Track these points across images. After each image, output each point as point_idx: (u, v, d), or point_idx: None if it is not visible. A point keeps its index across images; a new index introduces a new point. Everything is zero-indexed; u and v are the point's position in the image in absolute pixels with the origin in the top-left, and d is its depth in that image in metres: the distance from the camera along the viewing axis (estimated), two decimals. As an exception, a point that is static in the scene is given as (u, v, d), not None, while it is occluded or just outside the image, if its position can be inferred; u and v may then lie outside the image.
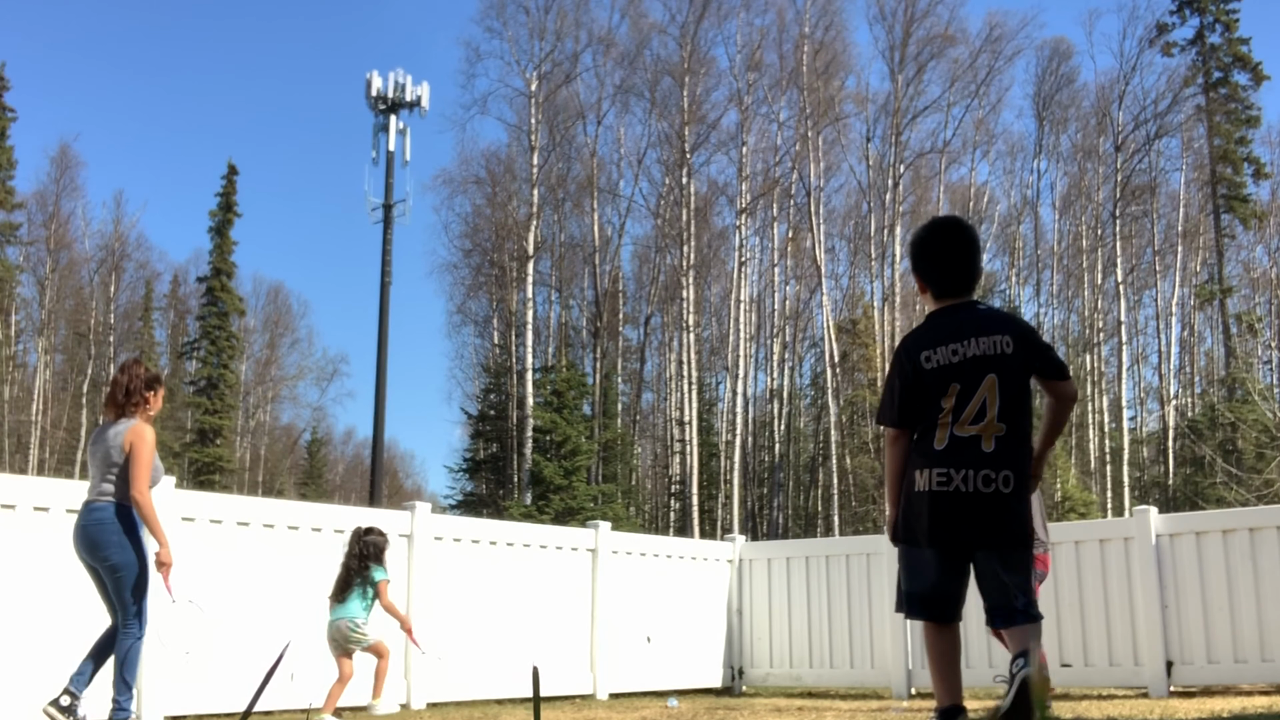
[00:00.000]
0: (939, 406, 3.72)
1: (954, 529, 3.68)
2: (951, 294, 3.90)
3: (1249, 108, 39.42)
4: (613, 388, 39.87)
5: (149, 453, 5.86)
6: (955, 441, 3.68)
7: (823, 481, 34.23)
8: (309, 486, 56.64)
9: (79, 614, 6.66)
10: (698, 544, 12.62)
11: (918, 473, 3.72)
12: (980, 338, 3.75)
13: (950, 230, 4.05)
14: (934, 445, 3.69)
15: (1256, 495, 25.08)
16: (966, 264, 3.94)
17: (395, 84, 33.02)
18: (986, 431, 3.68)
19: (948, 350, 3.74)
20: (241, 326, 49.38)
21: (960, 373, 3.72)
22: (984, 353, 3.73)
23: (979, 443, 3.67)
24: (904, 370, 3.81)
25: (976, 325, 3.79)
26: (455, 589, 8.86)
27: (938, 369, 3.74)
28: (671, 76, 37.10)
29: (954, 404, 3.70)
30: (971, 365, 3.72)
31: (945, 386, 3.72)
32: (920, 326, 3.97)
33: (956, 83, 38.26)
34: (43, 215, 44.69)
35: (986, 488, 3.65)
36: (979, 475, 3.65)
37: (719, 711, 8.10)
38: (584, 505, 31.65)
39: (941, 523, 3.68)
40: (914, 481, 3.73)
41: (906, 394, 3.80)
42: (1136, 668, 8.87)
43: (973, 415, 3.69)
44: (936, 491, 3.67)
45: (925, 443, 3.73)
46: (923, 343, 3.81)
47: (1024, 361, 3.77)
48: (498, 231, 40.27)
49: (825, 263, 36.61)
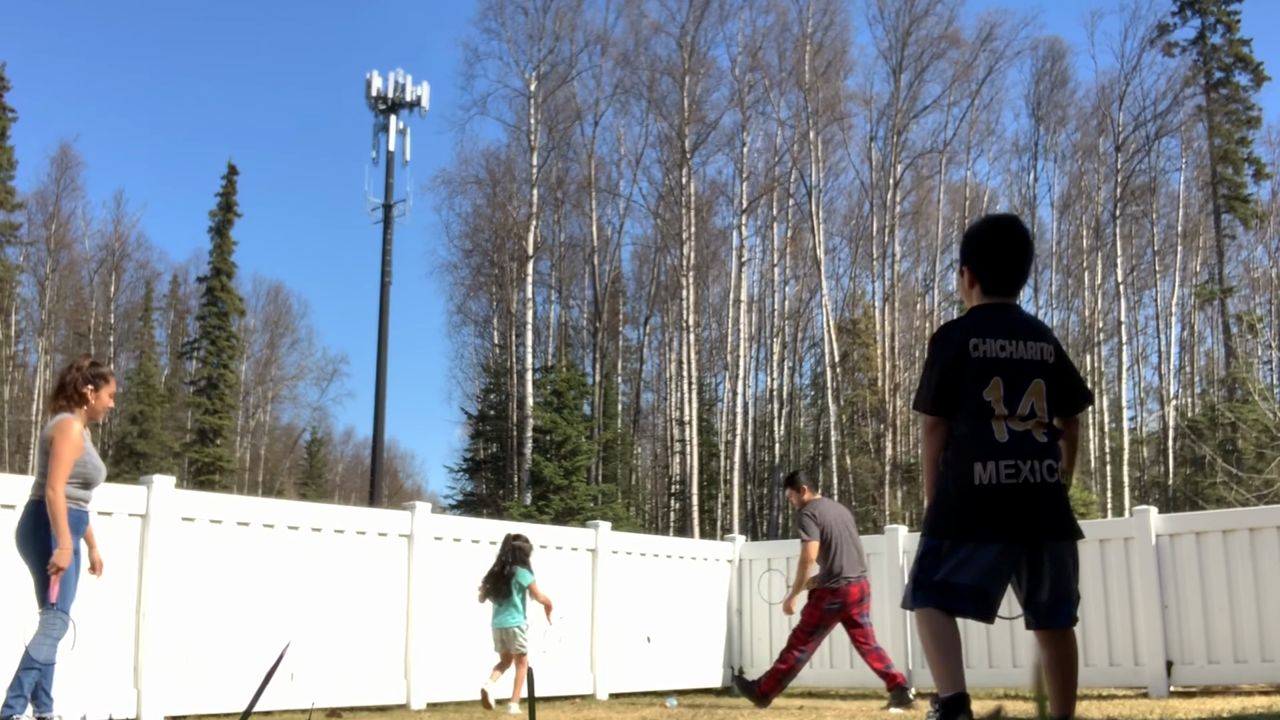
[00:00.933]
0: (982, 399, 3.67)
1: (1027, 521, 3.63)
2: (1000, 292, 3.87)
3: (1250, 108, 39.43)
4: (613, 388, 39.88)
5: (69, 449, 5.58)
6: (1015, 435, 3.65)
7: (823, 481, 34.21)
8: (309, 486, 56.65)
9: (79, 614, 6.66)
10: (698, 544, 12.62)
11: (977, 465, 3.63)
12: (1029, 341, 3.74)
13: (1010, 228, 3.99)
14: (994, 438, 3.64)
15: (1256, 495, 25.07)
16: (1021, 264, 3.93)
17: (395, 84, 33.01)
18: (1036, 427, 3.68)
19: (995, 344, 3.71)
20: (241, 326, 49.38)
21: (1005, 369, 3.69)
22: (1032, 357, 3.72)
23: (1032, 435, 3.67)
24: (946, 355, 3.75)
25: (1025, 328, 3.78)
26: (455, 589, 8.85)
27: (984, 360, 3.69)
28: (671, 76, 37.11)
29: (1002, 397, 3.66)
30: (1019, 366, 3.70)
31: (987, 378, 3.68)
32: (964, 317, 3.91)
33: (957, 82, 38.30)
34: (43, 215, 44.74)
35: (1051, 477, 3.65)
36: (1043, 465, 3.65)
37: (719, 711, 8.11)
38: (584, 505, 31.66)
39: (1014, 515, 3.61)
40: (971, 475, 3.64)
41: (946, 378, 3.74)
42: (1136, 668, 8.87)
43: (1025, 412, 3.67)
44: (1006, 484, 3.60)
45: (982, 435, 3.65)
46: (970, 330, 3.76)
47: (1060, 368, 3.79)
48: (498, 231, 40.28)
49: (825, 262, 36.62)
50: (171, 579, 7.14)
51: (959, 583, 3.62)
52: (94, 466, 5.78)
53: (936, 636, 3.65)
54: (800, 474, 8.91)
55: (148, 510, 7.08)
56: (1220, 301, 38.06)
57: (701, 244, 37.85)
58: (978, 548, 3.63)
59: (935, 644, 3.65)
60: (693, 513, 34.00)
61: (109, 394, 5.96)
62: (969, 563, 3.62)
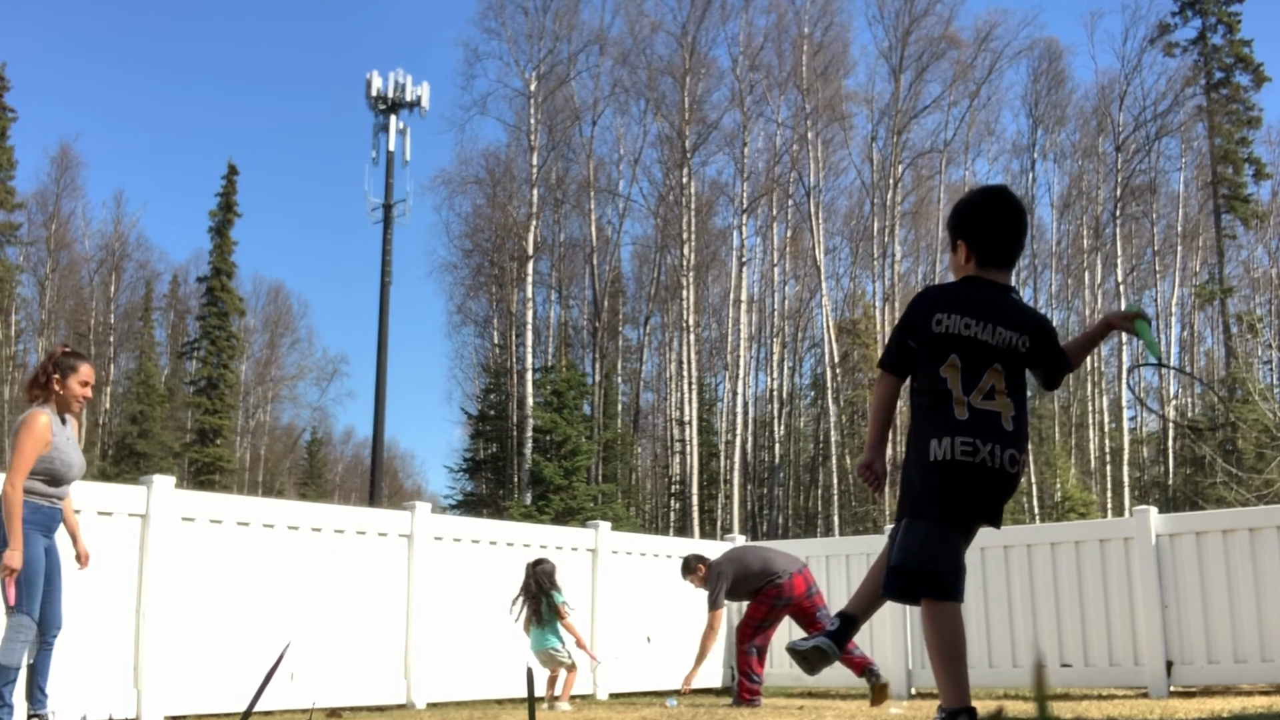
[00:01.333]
0: (938, 374, 3.62)
1: (974, 502, 3.59)
2: (994, 265, 3.78)
3: (1250, 109, 39.43)
4: (613, 388, 39.88)
5: (31, 444, 5.26)
6: (976, 414, 3.57)
7: (823, 481, 34.23)
8: (309, 486, 56.64)
9: (79, 614, 6.67)
10: (697, 544, 12.59)
11: (934, 441, 3.57)
12: (1000, 327, 3.65)
13: (1006, 199, 3.88)
14: (955, 415, 3.57)
15: (1256, 495, 25.07)
16: (1016, 237, 3.83)
17: (395, 84, 33.01)
18: (1004, 410, 3.60)
19: (960, 321, 3.64)
20: (241, 326, 49.39)
21: (964, 347, 3.63)
22: (997, 343, 3.64)
23: (999, 419, 3.59)
24: (910, 319, 3.74)
25: (1002, 313, 3.69)
26: (455, 589, 8.86)
27: (945, 335, 3.64)
28: (671, 76, 37.11)
29: (960, 377, 3.60)
30: (979, 348, 3.63)
31: (945, 355, 3.62)
32: (946, 286, 3.85)
33: (957, 82, 38.31)
34: (43, 215, 44.77)
35: (1012, 468, 3.59)
36: (1005, 453, 3.57)
37: (719, 711, 8.10)
38: (584, 505, 31.66)
39: (963, 494, 3.57)
40: (929, 451, 3.58)
41: (904, 342, 3.73)
42: (1136, 668, 8.86)
43: (984, 392, 3.60)
44: (960, 461, 3.53)
45: (943, 411, 3.59)
46: (940, 304, 3.71)
47: (1031, 362, 3.75)
48: (498, 231, 40.28)
49: (825, 263, 36.62)
50: (171, 579, 7.14)
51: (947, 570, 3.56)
52: (64, 462, 5.43)
53: (943, 635, 3.52)
54: (692, 557, 8.90)
55: (148, 510, 7.08)
56: (1220, 301, 38.05)
57: (701, 244, 37.85)
58: (943, 527, 3.58)
59: (941, 646, 3.53)
60: (693, 513, 34.00)
61: (79, 382, 5.52)
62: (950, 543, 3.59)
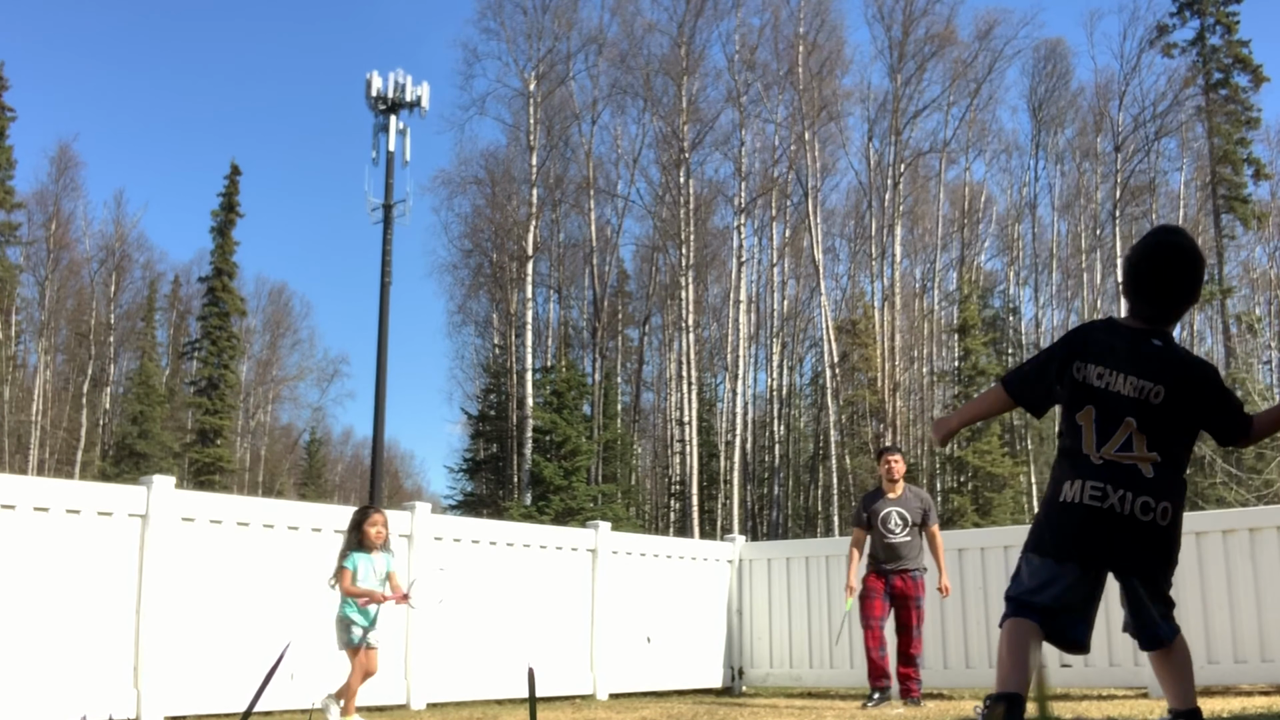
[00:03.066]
0: (1074, 421, 3.57)
1: (1095, 544, 3.52)
2: (1141, 318, 3.68)
3: (1249, 109, 39.45)
4: (613, 388, 39.88)
5: None
6: (1110, 464, 3.50)
7: (822, 481, 34.23)
8: (309, 487, 56.64)
9: (79, 614, 6.67)
10: (698, 544, 12.61)
11: (1067, 484, 3.54)
12: (1131, 377, 3.54)
13: (1166, 255, 3.70)
14: (1089, 460, 3.52)
15: (1256, 495, 25.08)
16: (1167, 294, 3.66)
17: (395, 84, 32.99)
18: (1141, 462, 3.51)
19: (1094, 370, 3.57)
20: (243, 327, 49.40)
21: (1097, 398, 3.55)
22: (1128, 394, 3.53)
23: (1138, 470, 3.50)
24: (1057, 355, 3.66)
25: (1137, 361, 3.56)
26: (455, 589, 8.85)
27: (1081, 385, 3.57)
28: (668, 75, 37.11)
29: (1094, 428, 3.54)
30: (1111, 400, 3.54)
31: (1081, 404, 3.56)
32: (1093, 330, 3.75)
33: (956, 82, 38.31)
34: (43, 215, 44.78)
35: (1144, 515, 3.49)
36: (1138, 501, 3.48)
37: (719, 711, 8.11)
38: (584, 505, 31.66)
39: (1084, 536, 3.52)
40: (1060, 492, 3.55)
41: (1040, 377, 3.69)
42: (1136, 668, 8.86)
43: (1118, 445, 3.51)
44: (1089, 506, 3.48)
45: (1077, 456, 3.55)
46: (1080, 350, 3.63)
47: (1176, 411, 3.55)
48: (497, 231, 40.30)
49: (824, 262, 36.63)
50: (171, 579, 7.14)
51: (1041, 603, 3.54)
52: None
53: (1007, 643, 3.56)
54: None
55: (148, 510, 7.08)
56: (1220, 302, 38.06)
57: (700, 244, 37.87)
58: (1057, 566, 3.53)
59: (1004, 649, 3.57)
60: (693, 513, 34.00)
61: None
62: (1051, 583, 3.54)
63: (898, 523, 8.48)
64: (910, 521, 8.49)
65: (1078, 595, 3.56)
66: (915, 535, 8.51)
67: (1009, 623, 3.58)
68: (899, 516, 8.50)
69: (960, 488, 36.02)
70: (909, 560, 8.45)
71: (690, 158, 36.49)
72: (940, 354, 42.21)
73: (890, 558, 8.44)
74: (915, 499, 8.63)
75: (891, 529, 8.48)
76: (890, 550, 8.45)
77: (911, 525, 8.49)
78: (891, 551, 8.44)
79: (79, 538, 6.74)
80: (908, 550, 8.46)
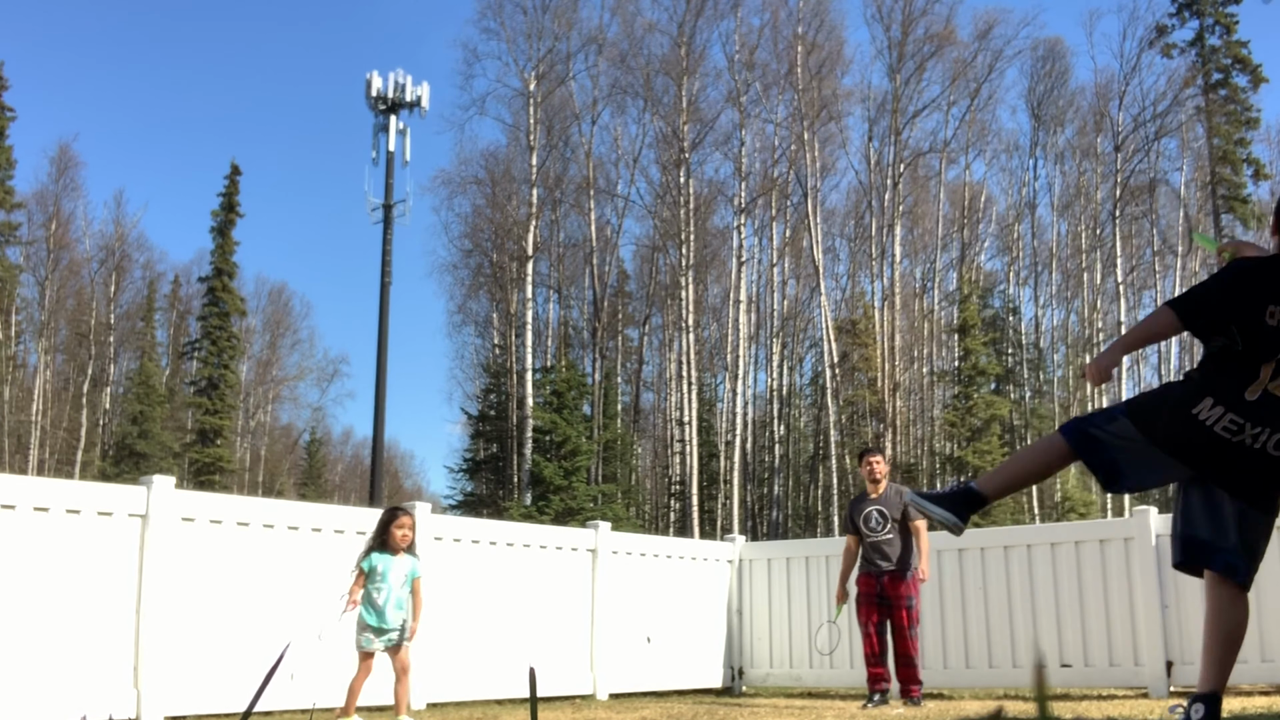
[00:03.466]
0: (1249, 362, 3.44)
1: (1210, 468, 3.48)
2: None
3: (1248, 109, 39.46)
4: (613, 388, 39.88)
5: None
6: (1268, 399, 3.43)
7: (823, 481, 34.22)
8: (309, 487, 56.64)
9: (80, 615, 6.67)
10: (697, 544, 12.61)
11: (1208, 399, 3.46)
12: None
13: None
14: (1244, 393, 3.43)
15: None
16: None
17: (395, 84, 33.02)
18: None
19: None
20: (243, 327, 49.39)
21: None
22: None
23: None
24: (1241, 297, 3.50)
25: None
26: (455, 589, 8.85)
27: (1276, 329, 3.44)
28: (669, 75, 37.10)
29: (1273, 369, 3.44)
30: None
31: (1272, 351, 3.44)
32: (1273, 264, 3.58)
33: (956, 82, 38.30)
34: (43, 215, 44.75)
35: (1276, 451, 3.44)
36: (1274, 438, 3.42)
37: (719, 711, 8.11)
38: (584, 505, 31.65)
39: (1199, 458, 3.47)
40: (1195, 401, 3.47)
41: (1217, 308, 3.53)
42: (1136, 668, 8.87)
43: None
44: (1218, 435, 3.44)
45: (1235, 382, 3.45)
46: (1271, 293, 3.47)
47: None
48: (497, 231, 40.29)
49: (824, 262, 36.62)
50: (171, 579, 7.14)
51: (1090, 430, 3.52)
52: None
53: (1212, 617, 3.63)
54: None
55: (148, 510, 7.08)
56: (1220, 302, 38.03)
57: (701, 244, 37.86)
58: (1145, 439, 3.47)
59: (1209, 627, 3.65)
60: (693, 513, 33.99)
61: None
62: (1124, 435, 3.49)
63: (878, 520, 8.59)
64: (890, 518, 8.56)
65: (1147, 455, 3.53)
66: (898, 532, 8.57)
67: (1047, 435, 3.55)
68: (879, 514, 8.61)
69: (960, 488, 35.93)
70: (894, 558, 8.50)
71: (690, 158, 36.50)
72: (940, 354, 42.22)
73: (876, 556, 8.56)
74: (896, 496, 8.69)
75: (873, 527, 8.59)
76: (874, 548, 8.58)
77: (892, 522, 8.56)
78: (876, 550, 8.57)
79: (79, 538, 6.74)
80: (891, 548, 8.54)
